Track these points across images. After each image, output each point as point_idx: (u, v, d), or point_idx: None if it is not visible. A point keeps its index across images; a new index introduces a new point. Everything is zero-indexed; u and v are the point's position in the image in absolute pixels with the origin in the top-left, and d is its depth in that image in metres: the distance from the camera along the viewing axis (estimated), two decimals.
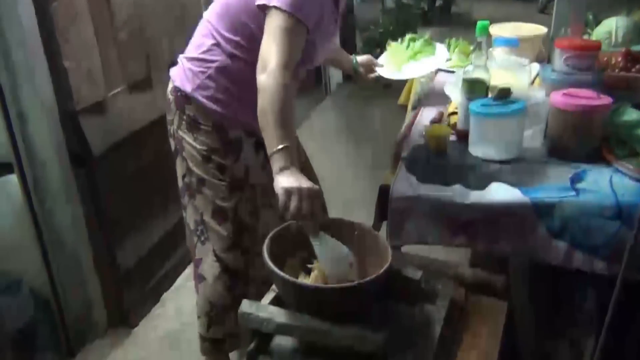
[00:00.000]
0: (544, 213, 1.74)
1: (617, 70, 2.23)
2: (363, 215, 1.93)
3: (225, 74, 1.92)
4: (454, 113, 2.20)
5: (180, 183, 2.09)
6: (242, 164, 2.00)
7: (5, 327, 2.61)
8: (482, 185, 1.82)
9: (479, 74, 2.02)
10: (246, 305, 1.51)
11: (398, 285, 1.61)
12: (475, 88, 2.01)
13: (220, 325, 2.17)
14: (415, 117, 2.43)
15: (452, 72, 2.78)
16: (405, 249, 1.98)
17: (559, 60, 2.13)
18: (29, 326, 2.71)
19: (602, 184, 1.79)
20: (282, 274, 1.48)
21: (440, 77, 2.84)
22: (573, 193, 1.75)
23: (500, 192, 1.79)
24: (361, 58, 2.48)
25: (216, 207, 2.02)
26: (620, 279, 1.59)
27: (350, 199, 3.73)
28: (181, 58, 2.04)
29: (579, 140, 1.92)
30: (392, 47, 2.47)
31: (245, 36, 1.86)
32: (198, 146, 1.98)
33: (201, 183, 2.01)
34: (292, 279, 1.49)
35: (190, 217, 2.10)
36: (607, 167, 1.87)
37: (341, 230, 1.67)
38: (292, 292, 1.51)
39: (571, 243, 1.73)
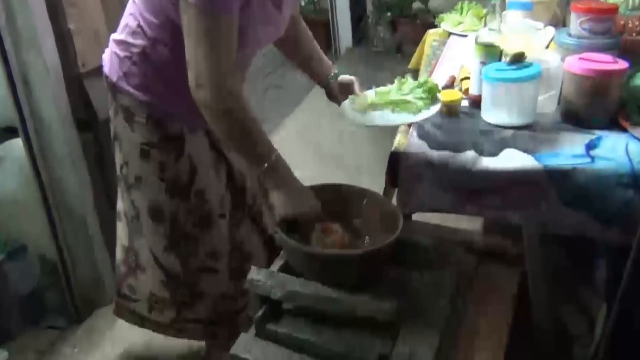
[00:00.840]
0: (557, 180, 1.72)
1: (634, 34, 2.19)
2: (373, 182, 1.92)
3: (149, 59, 1.72)
4: (467, 78, 2.18)
5: (118, 170, 1.93)
6: (186, 163, 1.81)
7: (12, 292, 2.64)
8: (494, 152, 1.81)
9: (492, 38, 1.99)
10: (254, 272, 1.52)
11: (408, 253, 1.62)
12: (488, 52, 1.99)
13: (162, 313, 2.03)
14: None
15: (465, 36, 2.76)
16: (416, 216, 1.98)
17: (574, 24, 2.09)
18: (36, 291, 2.73)
19: (618, 151, 1.76)
20: (289, 239, 1.49)
21: (453, 41, 2.80)
22: (588, 160, 1.73)
23: (513, 159, 1.78)
24: (343, 77, 2.03)
25: (152, 207, 1.86)
26: (635, 249, 1.58)
27: (360, 166, 3.72)
28: (111, 39, 1.84)
29: (594, 105, 1.90)
30: (396, 84, 2.00)
31: (164, 19, 1.65)
32: (135, 139, 1.80)
33: (138, 180, 1.85)
34: (298, 244, 1.49)
35: (124, 207, 1.97)
36: (623, 133, 1.85)
37: (351, 197, 1.67)
38: (299, 258, 1.52)
39: (584, 211, 1.72)
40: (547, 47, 2.30)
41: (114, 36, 1.81)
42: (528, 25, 2.24)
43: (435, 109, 1.83)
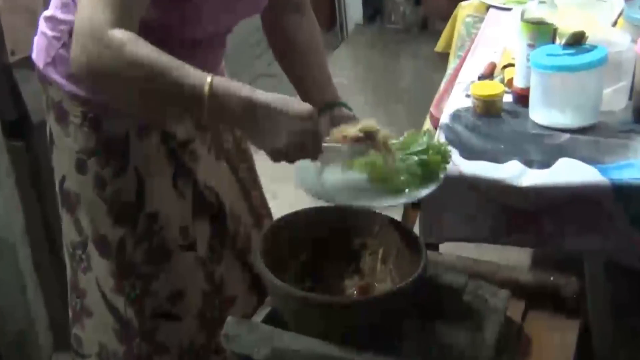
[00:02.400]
0: (628, 199, 1.73)
1: None
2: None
3: None
4: (510, 65, 2.19)
5: (57, 186, 1.92)
6: (132, 176, 1.77)
7: None
8: (546, 162, 1.81)
9: (543, 13, 2.00)
10: (232, 325, 1.50)
11: (435, 297, 1.60)
12: (538, 32, 1.99)
13: None
14: (458, 69, 2.41)
15: (508, 9, 2.77)
16: (444, 247, 1.97)
17: None
18: None
19: None
20: (273, 277, 1.47)
21: (493, 16, 2.81)
22: None
23: (570, 171, 1.78)
24: (343, 111, 1.90)
25: (97, 234, 1.83)
26: None
27: None
28: (41, 16, 1.82)
29: None
30: (404, 138, 1.67)
31: None
32: (70, 146, 1.78)
33: (78, 198, 1.83)
34: (285, 285, 1.48)
35: (68, 234, 1.95)
36: None
37: (357, 223, 1.65)
38: (289, 304, 1.50)
39: None
40: (615, 24, 2.30)
41: (45, 12, 1.80)
42: None
43: (422, 193, 1.59)
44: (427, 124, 2.14)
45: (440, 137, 1.94)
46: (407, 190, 1.58)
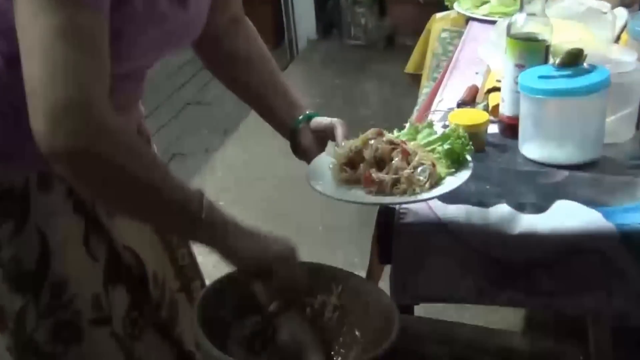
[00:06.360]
0: (638, 248, 1.73)
1: None
2: (352, 251, 1.91)
3: None
4: (496, 89, 2.20)
5: None
6: (33, 237, 1.75)
7: None
8: (541, 206, 1.82)
9: (533, 27, 2.02)
10: None
11: None
12: (528, 50, 2.01)
13: None
14: (433, 95, 2.42)
15: (492, 22, 2.80)
16: (420, 310, 1.97)
17: None
18: None
19: None
20: (220, 353, 1.46)
21: (473, 30, 2.84)
22: None
23: (569, 216, 1.79)
24: (319, 122, 1.93)
25: None
26: None
27: (331, 226, 3.71)
28: None
29: None
30: (407, 130, 1.91)
31: (3, 26, 1.55)
32: None
33: None
34: (225, 356, 1.47)
35: None
36: None
37: (315, 282, 1.65)
38: None
39: None
40: (618, 40, 2.34)
41: None
42: (587, 6, 2.27)
43: (457, 180, 1.71)
44: None
45: None
46: (443, 182, 1.70)
